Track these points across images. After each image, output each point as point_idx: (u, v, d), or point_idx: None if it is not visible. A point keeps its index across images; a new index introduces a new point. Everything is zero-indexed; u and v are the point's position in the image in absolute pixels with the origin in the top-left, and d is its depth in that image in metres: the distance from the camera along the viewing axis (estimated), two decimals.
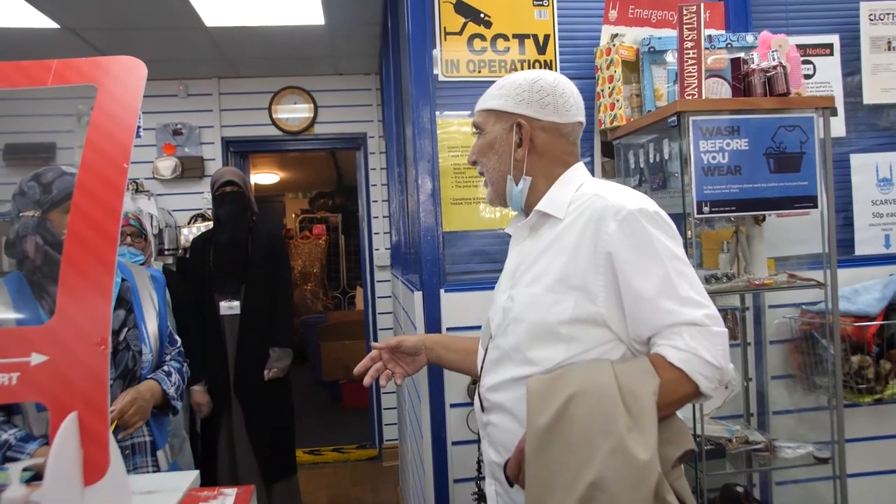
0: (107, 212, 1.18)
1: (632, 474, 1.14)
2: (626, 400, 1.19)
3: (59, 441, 1.05)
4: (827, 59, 2.64)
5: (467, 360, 1.68)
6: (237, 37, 4.10)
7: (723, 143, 1.99)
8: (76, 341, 1.12)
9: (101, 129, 1.23)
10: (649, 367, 1.24)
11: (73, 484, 1.07)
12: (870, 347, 2.32)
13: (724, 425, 2.31)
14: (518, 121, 1.41)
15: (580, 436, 1.18)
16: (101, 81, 1.28)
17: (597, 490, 1.14)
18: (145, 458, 1.93)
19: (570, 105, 1.42)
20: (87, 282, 1.14)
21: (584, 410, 1.20)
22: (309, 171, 9.30)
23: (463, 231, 2.48)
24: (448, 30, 2.44)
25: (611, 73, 2.35)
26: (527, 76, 1.44)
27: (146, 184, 4.66)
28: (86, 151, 1.22)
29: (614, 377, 1.23)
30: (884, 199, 2.67)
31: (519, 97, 1.41)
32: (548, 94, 1.40)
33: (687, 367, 1.22)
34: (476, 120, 1.49)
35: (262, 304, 3.45)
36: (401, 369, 1.68)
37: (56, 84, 1.28)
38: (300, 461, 4.14)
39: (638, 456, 1.14)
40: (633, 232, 1.27)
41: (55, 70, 1.29)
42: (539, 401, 1.23)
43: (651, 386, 1.21)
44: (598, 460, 1.15)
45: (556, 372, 1.28)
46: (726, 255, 2.23)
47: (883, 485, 2.56)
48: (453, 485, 2.34)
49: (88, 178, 1.20)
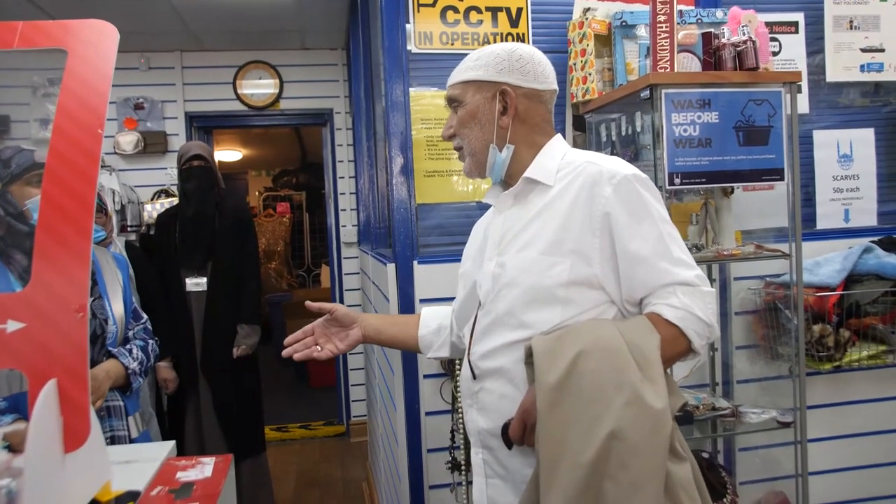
0: (82, 178, 1.15)
1: (649, 423, 1.17)
2: (634, 354, 1.22)
3: (39, 408, 1.03)
4: (792, 37, 2.69)
5: (406, 332, 1.69)
6: (201, 8, 4.01)
7: (694, 116, 2.03)
8: (54, 308, 1.10)
9: (74, 95, 1.20)
10: (649, 324, 1.28)
11: (54, 451, 1.05)
12: (830, 317, 2.40)
13: (691, 393, 2.37)
14: (502, 88, 1.42)
15: (592, 391, 1.20)
16: (71, 45, 1.24)
17: (615, 440, 1.15)
18: (121, 422, 1.96)
19: (547, 72, 1.45)
20: (64, 248, 1.11)
21: (593, 366, 1.21)
22: (273, 149, 9.18)
23: (436, 203, 2.48)
24: (421, 2, 2.42)
25: (583, 46, 2.37)
26: (503, 46, 1.45)
27: (107, 159, 4.55)
28: (58, 118, 1.19)
29: (619, 333, 1.25)
30: (844, 174, 2.74)
31: (499, 66, 1.42)
32: (527, 62, 1.43)
33: (682, 323, 1.27)
34: (452, 93, 1.48)
35: (229, 281, 3.41)
36: (332, 346, 1.66)
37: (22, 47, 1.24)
38: (268, 438, 4.14)
39: (654, 405, 1.17)
40: (629, 196, 1.31)
41: (21, 32, 1.25)
42: (547, 359, 1.24)
43: (654, 341, 1.24)
44: (614, 412, 1.17)
45: (559, 331, 1.30)
46: (695, 227, 2.28)
47: (839, 449, 2.66)
48: (427, 454, 2.37)
49: (62, 143, 1.17)
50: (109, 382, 1.91)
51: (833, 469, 2.65)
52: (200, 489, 1.19)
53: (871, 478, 2.68)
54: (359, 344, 1.71)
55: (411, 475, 2.36)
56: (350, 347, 1.69)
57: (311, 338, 1.67)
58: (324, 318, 1.69)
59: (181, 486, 1.20)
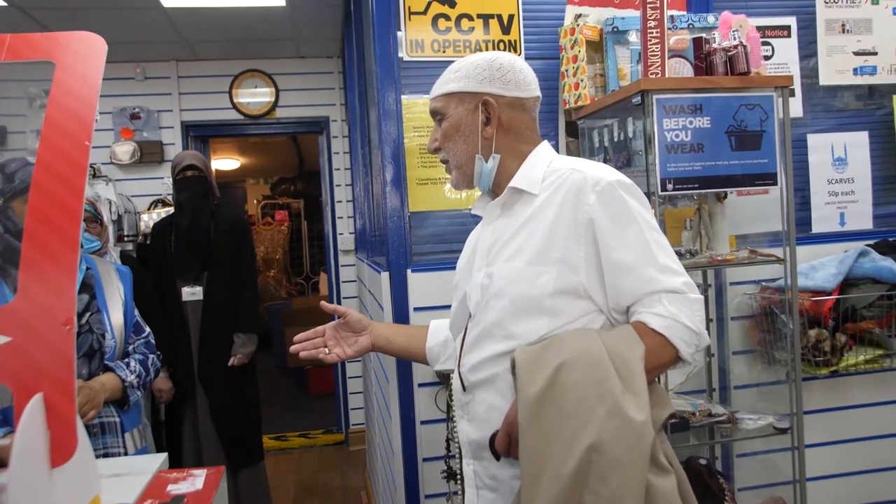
0: (70, 189, 1.15)
1: (630, 435, 1.15)
2: (616, 365, 1.21)
3: (25, 422, 1.03)
4: (785, 41, 2.69)
5: (414, 344, 1.69)
6: (196, 18, 4.02)
7: (686, 122, 2.02)
8: (40, 321, 1.09)
9: (62, 106, 1.20)
10: (633, 334, 1.27)
11: (40, 465, 1.04)
12: (826, 321, 2.39)
13: (688, 399, 2.36)
14: (484, 98, 1.41)
15: (574, 402, 1.19)
16: (58, 57, 1.24)
17: (595, 452, 1.14)
18: (116, 439, 1.93)
19: (529, 80, 1.45)
20: (50, 260, 1.11)
21: (575, 377, 1.20)
22: (270, 157, 9.19)
23: (429, 211, 2.48)
24: (412, 9, 2.42)
25: (575, 52, 2.37)
26: (483, 56, 1.45)
27: (104, 169, 4.56)
28: (45, 129, 1.19)
29: (602, 344, 1.24)
30: (839, 178, 2.74)
31: (480, 76, 1.42)
32: (508, 71, 1.42)
33: (668, 332, 1.26)
34: (435, 106, 1.48)
35: (225, 290, 3.40)
36: (340, 349, 1.67)
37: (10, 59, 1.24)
38: (266, 447, 4.12)
39: (635, 417, 1.16)
40: (613, 202, 1.30)
41: (9, 45, 1.24)
42: (528, 371, 1.23)
43: (638, 352, 1.23)
44: (595, 424, 1.16)
45: (543, 342, 1.29)
46: (689, 233, 2.27)
47: (837, 454, 2.65)
48: (422, 464, 2.35)
49: (50, 155, 1.17)
50: (105, 394, 1.89)
51: (831, 474, 2.64)
52: (191, 502, 1.18)
53: (870, 482, 2.67)
54: (367, 352, 1.72)
55: (407, 484, 2.35)
56: (358, 354, 1.70)
57: (320, 339, 1.68)
58: (336, 322, 1.70)
59: (172, 499, 1.20)
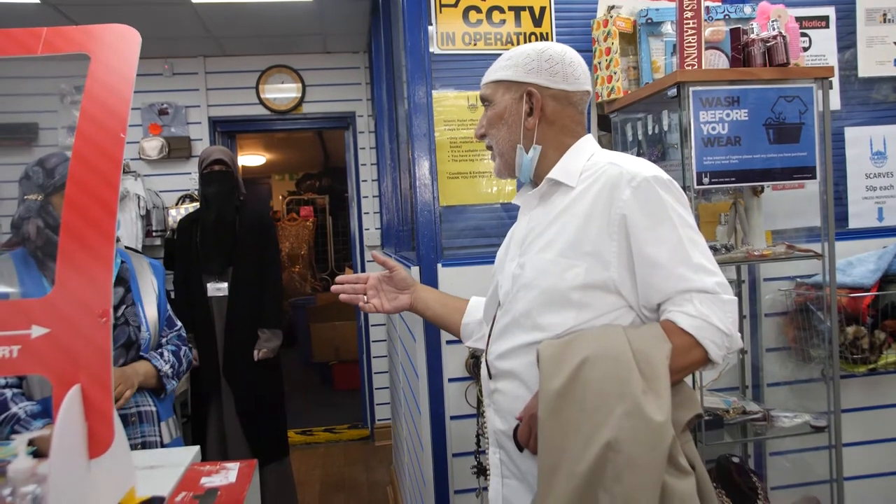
0: (105, 182, 1.15)
1: (648, 436, 1.14)
2: (639, 364, 1.19)
3: (64, 414, 1.03)
4: (822, 32, 2.63)
5: (452, 316, 1.70)
6: (223, 13, 4.03)
7: (722, 114, 1.98)
8: (77, 313, 1.09)
9: (97, 99, 1.20)
10: (661, 332, 1.25)
11: (78, 456, 1.05)
12: (864, 318, 2.34)
13: (721, 397, 2.32)
14: (528, 89, 1.40)
15: (594, 399, 1.18)
16: (93, 50, 1.24)
17: (611, 451, 1.14)
18: (153, 427, 1.97)
19: (578, 73, 1.42)
20: (87, 253, 1.11)
21: (597, 374, 1.20)
22: (295, 153, 9.22)
23: (460, 205, 2.46)
24: (443, 2, 2.40)
25: (608, 45, 2.33)
26: (535, 46, 1.44)
27: (132, 164, 4.59)
28: (81, 121, 1.19)
29: (627, 342, 1.23)
30: (877, 172, 2.68)
31: (528, 66, 1.41)
32: (557, 63, 1.40)
33: (698, 333, 1.23)
34: (484, 93, 1.49)
35: (251, 285, 3.41)
36: (378, 301, 1.70)
37: (46, 52, 1.24)
38: (292, 442, 4.14)
39: (654, 418, 1.15)
40: (648, 198, 1.27)
41: (45, 38, 1.25)
42: (552, 365, 1.23)
43: (663, 351, 1.21)
44: (613, 422, 1.15)
45: (568, 337, 1.28)
46: (724, 227, 2.23)
47: (875, 454, 2.59)
48: (452, 459, 2.34)
49: (86, 147, 1.17)
50: (140, 378, 1.92)
51: (868, 474, 2.58)
52: (225, 495, 1.18)
53: None
54: (404, 310, 1.74)
55: (436, 479, 2.34)
56: (396, 310, 1.73)
57: (361, 285, 1.71)
58: (381, 273, 1.73)
59: (206, 492, 1.19)
